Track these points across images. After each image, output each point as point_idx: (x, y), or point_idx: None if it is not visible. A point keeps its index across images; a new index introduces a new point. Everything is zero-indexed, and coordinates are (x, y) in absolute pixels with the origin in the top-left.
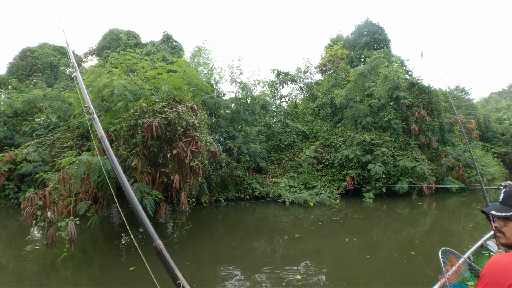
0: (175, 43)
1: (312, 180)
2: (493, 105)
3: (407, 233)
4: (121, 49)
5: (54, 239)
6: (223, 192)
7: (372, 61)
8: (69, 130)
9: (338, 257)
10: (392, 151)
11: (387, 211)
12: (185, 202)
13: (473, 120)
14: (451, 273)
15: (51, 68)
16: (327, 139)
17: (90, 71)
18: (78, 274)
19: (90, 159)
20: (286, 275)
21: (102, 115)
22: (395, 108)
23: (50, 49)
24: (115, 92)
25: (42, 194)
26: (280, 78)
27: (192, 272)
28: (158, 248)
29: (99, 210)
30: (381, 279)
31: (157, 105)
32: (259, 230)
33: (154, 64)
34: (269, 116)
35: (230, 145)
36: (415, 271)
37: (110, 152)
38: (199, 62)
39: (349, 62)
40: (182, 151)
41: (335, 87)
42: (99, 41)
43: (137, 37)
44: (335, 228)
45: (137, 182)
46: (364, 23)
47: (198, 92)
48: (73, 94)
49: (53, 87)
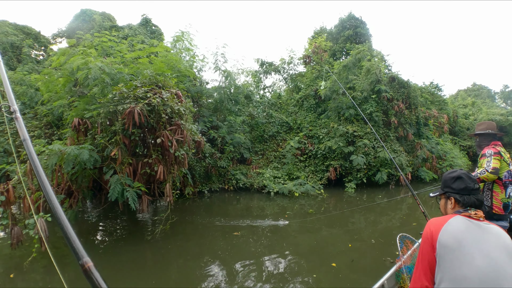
0: (155, 28)
1: (295, 171)
2: (460, 102)
3: (384, 220)
4: (95, 31)
5: (21, 238)
6: (206, 184)
7: (356, 54)
8: (36, 117)
9: (317, 245)
10: (373, 143)
11: (367, 200)
12: (169, 194)
13: (445, 115)
14: (407, 256)
15: (12, 49)
16: (311, 130)
17: (61, 52)
18: (50, 277)
19: (63, 148)
20: (270, 265)
21: (75, 101)
22: (376, 101)
23: (10, 27)
24: (91, 74)
25: (4, 188)
26: (264, 68)
27: (179, 267)
28: (86, 266)
29: (74, 205)
30: (348, 263)
31: (138, 90)
32: (244, 221)
33: (132, 48)
34: (252, 107)
35: (214, 135)
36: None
37: (35, 159)
38: (183, 47)
39: (331, 54)
40: (167, 140)
41: (319, 79)
42: (69, 22)
43: (113, 19)
44: (318, 217)
45: (117, 174)
46: (347, 16)
47: (182, 79)
48: (41, 77)
49: (16, 70)
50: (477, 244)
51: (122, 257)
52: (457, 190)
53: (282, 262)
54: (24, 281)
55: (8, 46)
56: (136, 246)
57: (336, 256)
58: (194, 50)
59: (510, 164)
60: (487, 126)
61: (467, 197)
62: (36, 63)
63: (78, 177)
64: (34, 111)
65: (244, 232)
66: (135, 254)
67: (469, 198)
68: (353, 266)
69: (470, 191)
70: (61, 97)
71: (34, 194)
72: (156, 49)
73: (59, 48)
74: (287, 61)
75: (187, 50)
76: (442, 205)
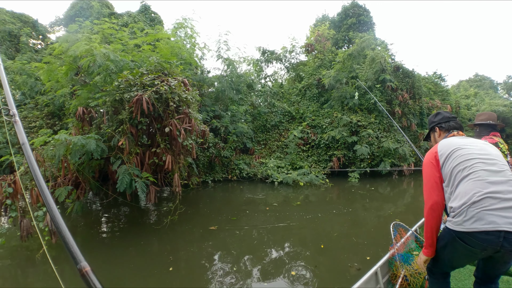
0: (154, 15)
1: (298, 161)
2: (462, 92)
3: (387, 209)
4: (93, 18)
5: (30, 230)
6: (210, 173)
7: (362, 43)
8: (37, 108)
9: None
10: (377, 133)
11: (370, 190)
12: (178, 184)
13: (448, 106)
14: (400, 244)
15: (10, 38)
16: (314, 120)
17: (63, 38)
18: (60, 267)
19: (69, 138)
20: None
21: (78, 89)
22: (381, 90)
23: (7, 15)
24: (96, 61)
25: (11, 179)
26: (266, 56)
27: (188, 257)
28: (84, 271)
29: (81, 196)
30: (350, 246)
31: (145, 77)
32: (250, 211)
33: (134, 35)
34: (255, 96)
35: (217, 125)
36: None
37: (34, 164)
38: (186, 34)
39: (334, 43)
40: (175, 129)
41: (322, 67)
42: (66, 10)
43: (111, 7)
44: (323, 205)
45: (125, 164)
46: (351, 4)
47: (186, 66)
48: (43, 65)
49: (15, 59)
50: (465, 141)
51: (130, 249)
52: (438, 121)
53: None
54: (38, 275)
55: (6, 35)
56: (144, 237)
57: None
58: (195, 37)
59: (508, 155)
60: (488, 116)
61: (447, 123)
62: (34, 52)
63: (85, 168)
64: (35, 101)
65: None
66: (144, 245)
67: (449, 123)
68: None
69: (449, 119)
70: (63, 86)
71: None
72: (161, 35)
73: (62, 34)
74: (289, 49)
75: (190, 37)
76: (432, 138)
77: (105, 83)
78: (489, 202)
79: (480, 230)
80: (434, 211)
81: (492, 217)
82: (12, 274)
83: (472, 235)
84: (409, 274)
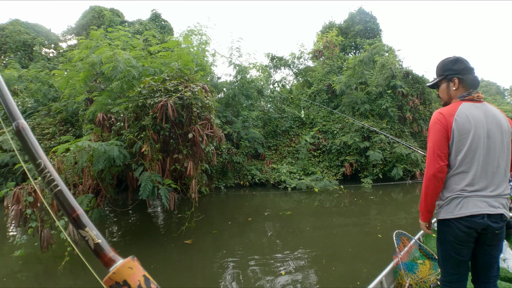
0: (164, 23)
1: (310, 166)
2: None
3: (400, 216)
4: (106, 26)
5: (50, 241)
6: (222, 179)
7: (373, 49)
8: (49, 114)
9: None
10: (389, 139)
11: (383, 196)
12: (195, 190)
13: None
14: (403, 253)
15: (24, 48)
16: (324, 125)
17: (84, 45)
18: (83, 280)
19: (92, 144)
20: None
21: (96, 96)
22: (391, 96)
23: (22, 26)
24: (119, 67)
25: (31, 188)
26: (274, 62)
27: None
28: (19, 128)
29: (101, 203)
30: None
31: (168, 83)
32: (264, 217)
33: (148, 43)
34: (264, 101)
35: (229, 130)
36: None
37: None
38: (201, 41)
39: (341, 49)
40: (198, 135)
41: (331, 73)
42: (78, 19)
43: (121, 15)
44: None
45: (147, 171)
46: (358, 11)
47: (203, 73)
48: (61, 73)
49: (29, 67)
50: (483, 123)
51: (151, 255)
52: (458, 71)
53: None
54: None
55: (20, 44)
56: (160, 244)
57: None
58: (208, 44)
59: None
60: None
61: (469, 76)
62: (47, 60)
63: (106, 175)
64: (48, 108)
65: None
66: (164, 254)
67: (471, 76)
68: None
69: (470, 70)
70: (80, 92)
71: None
72: (181, 42)
73: (77, 41)
74: (297, 55)
75: (204, 44)
76: (444, 89)
77: (122, 89)
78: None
79: (466, 214)
80: (437, 180)
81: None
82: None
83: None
84: (414, 282)
